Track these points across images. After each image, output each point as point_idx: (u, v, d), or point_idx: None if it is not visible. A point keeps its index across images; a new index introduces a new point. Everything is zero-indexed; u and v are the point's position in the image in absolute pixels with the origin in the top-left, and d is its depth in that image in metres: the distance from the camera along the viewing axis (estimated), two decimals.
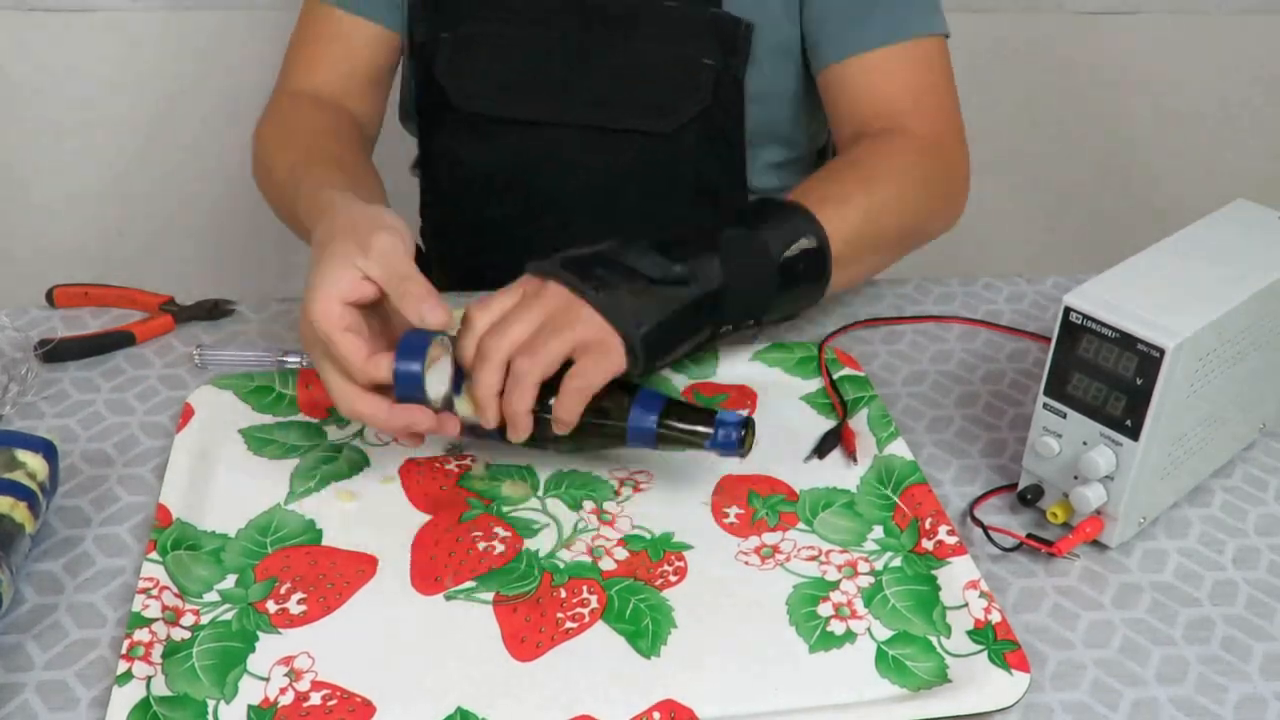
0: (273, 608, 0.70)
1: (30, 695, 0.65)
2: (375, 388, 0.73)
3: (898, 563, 0.75)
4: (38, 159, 1.64)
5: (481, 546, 0.75)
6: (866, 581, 0.73)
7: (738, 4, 0.99)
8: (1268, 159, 1.93)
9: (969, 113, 0.99)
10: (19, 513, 0.70)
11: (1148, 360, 0.69)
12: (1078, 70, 1.81)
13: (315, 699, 0.65)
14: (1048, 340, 0.75)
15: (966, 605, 0.70)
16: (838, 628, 0.70)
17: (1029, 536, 0.75)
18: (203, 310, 0.97)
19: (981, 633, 0.69)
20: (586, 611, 0.71)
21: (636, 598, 0.72)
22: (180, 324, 0.96)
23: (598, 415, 0.75)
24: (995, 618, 0.69)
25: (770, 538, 0.77)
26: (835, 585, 0.73)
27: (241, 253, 1.81)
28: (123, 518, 0.77)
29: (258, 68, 1.57)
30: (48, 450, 0.75)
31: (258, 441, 0.83)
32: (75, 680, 0.66)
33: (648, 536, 0.76)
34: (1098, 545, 0.77)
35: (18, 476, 0.72)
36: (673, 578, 0.73)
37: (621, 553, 0.75)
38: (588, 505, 0.79)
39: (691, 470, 0.82)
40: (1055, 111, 1.83)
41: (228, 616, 0.70)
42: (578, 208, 0.72)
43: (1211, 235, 0.79)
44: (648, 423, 0.75)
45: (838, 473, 0.82)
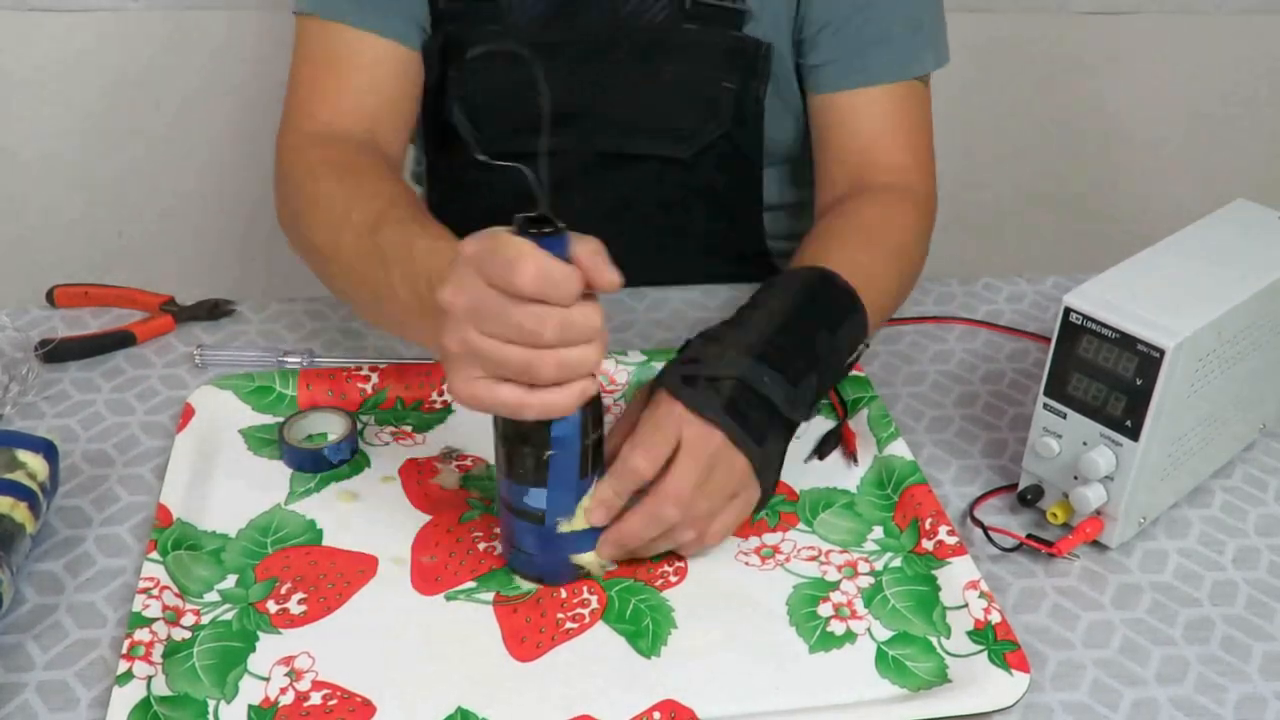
0: (273, 608, 0.70)
1: (30, 695, 0.66)
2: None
3: (898, 563, 0.75)
4: (38, 159, 1.63)
5: (482, 547, 0.75)
6: (866, 582, 0.73)
7: (756, 26, 0.97)
8: (1268, 159, 1.93)
9: (970, 112, 0.99)
10: (19, 513, 0.70)
11: (1147, 360, 0.69)
12: (1078, 70, 1.81)
13: (315, 699, 0.65)
14: (1048, 340, 0.75)
15: (966, 605, 0.71)
16: (838, 628, 0.70)
17: (1029, 537, 0.75)
18: (203, 310, 0.97)
19: (981, 633, 0.69)
20: (586, 611, 0.71)
21: (636, 598, 0.72)
22: (180, 324, 0.96)
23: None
24: (995, 618, 0.69)
25: (770, 538, 0.77)
26: (835, 585, 0.73)
27: (241, 253, 1.81)
28: (123, 518, 0.77)
29: (259, 68, 1.57)
30: (48, 450, 0.75)
31: (258, 441, 0.83)
32: (75, 680, 0.66)
33: None
34: (1098, 545, 0.77)
35: (18, 477, 0.72)
36: (673, 578, 0.73)
37: None
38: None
39: None
40: (1055, 111, 1.83)
41: (228, 616, 0.70)
42: (589, 230, 0.69)
43: (1211, 235, 0.79)
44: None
45: (838, 473, 0.82)
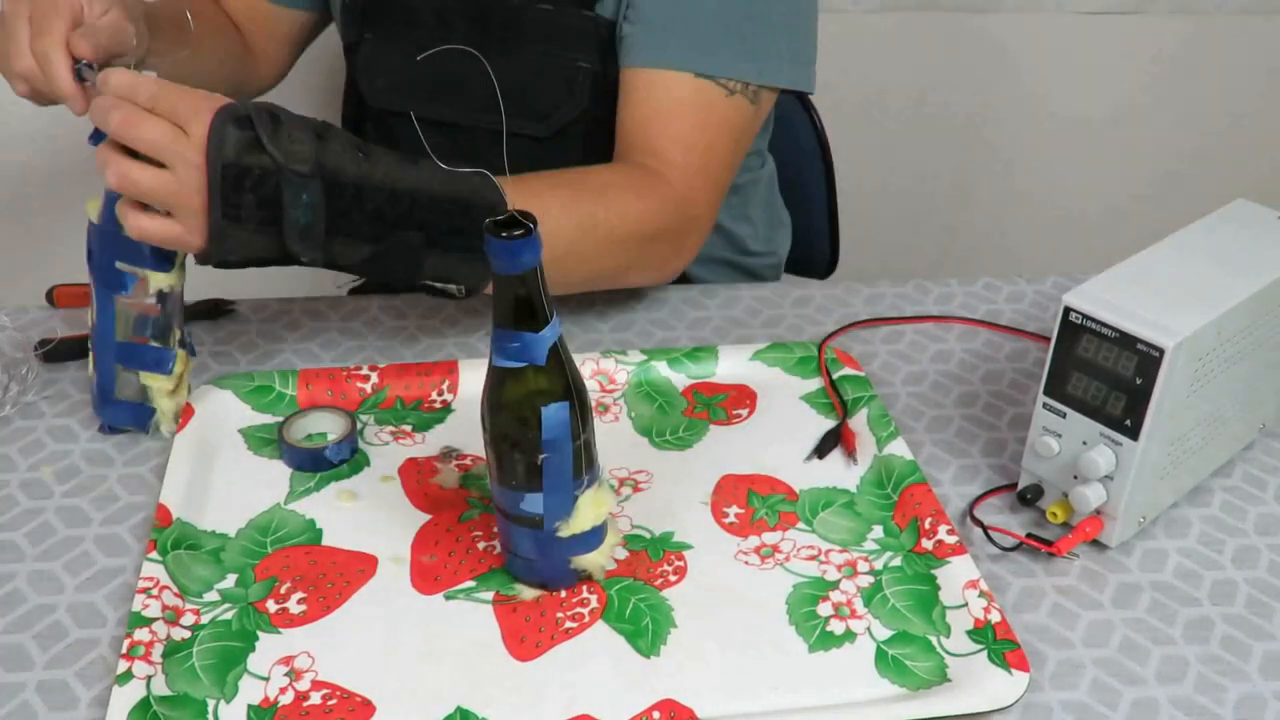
0: (273, 607, 0.71)
1: (30, 695, 0.66)
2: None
3: (897, 562, 0.75)
4: (38, 159, 1.63)
5: (481, 546, 0.75)
6: (866, 581, 0.73)
7: (608, 5, 0.98)
8: (1268, 159, 1.94)
9: (972, 111, 0.98)
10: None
11: (1147, 360, 0.69)
12: (1078, 70, 1.81)
13: (315, 699, 0.65)
14: (1047, 340, 0.75)
15: (966, 605, 0.71)
16: (837, 627, 0.70)
17: (1029, 536, 0.75)
18: (203, 310, 0.97)
19: (981, 632, 0.69)
20: (586, 611, 0.71)
21: (636, 597, 0.72)
22: None
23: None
24: (995, 617, 0.69)
25: (770, 537, 0.77)
26: (835, 585, 0.73)
27: None
28: (123, 517, 0.77)
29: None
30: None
31: (257, 441, 0.84)
32: (75, 680, 0.66)
33: (648, 536, 0.76)
34: (1097, 545, 0.77)
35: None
36: (672, 577, 0.73)
37: (621, 552, 0.75)
38: None
39: (692, 470, 0.82)
40: (1055, 111, 1.84)
41: (228, 616, 0.70)
42: None
43: (1211, 235, 0.79)
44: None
45: (838, 472, 0.82)
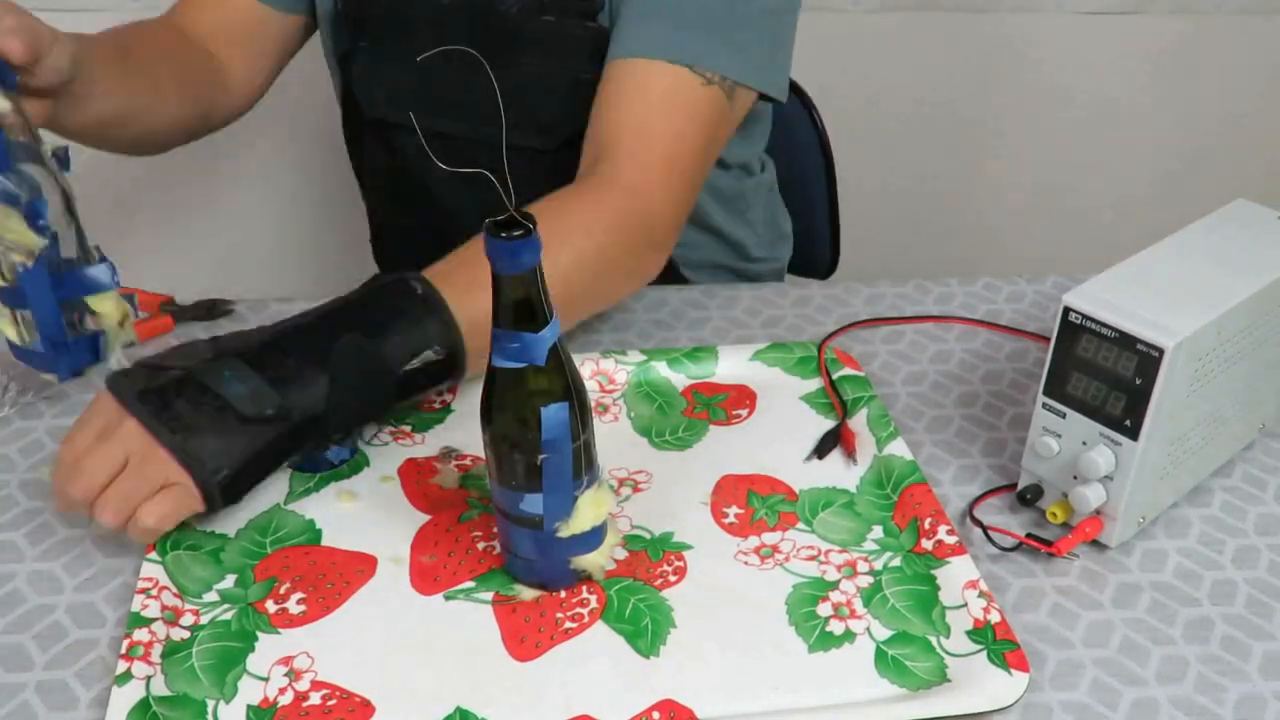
0: (272, 608, 0.71)
1: (30, 695, 0.66)
2: None
3: (897, 562, 0.75)
4: None
5: (481, 546, 0.75)
6: (866, 581, 0.73)
7: (609, 16, 0.97)
8: (1268, 159, 1.94)
9: (972, 112, 0.98)
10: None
11: (1147, 360, 0.69)
12: (1077, 70, 1.81)
13: (315, 699, 0.65)
14: (1047, 340, 0.74)
15: (966, 605, 0.70)
16: (837, 627, 0.70)
17: (1028, 536, 0.75)
18: (202, 310, 0.97)
19: (981, 632, 0.69)
20: (586, 611, 0.71)
21: (636, 597, 0.72)
22: (180, 324, 0.96)
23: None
24: (995, 617, 0.69)
25: (770, 538, 0.77)
26: (834, 585, 0.73)
27: (241, 253, 1.81)
28: None
29: None
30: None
31: None
32: (75, 680, 0.66)
33: (647, 536, 0.76)
34: (1097, 545, 0.77)
35: None
36: (672, 578, 0.73)
37: (621, 552, 0.75)
38: None
39: (691, 470, 0.82)
40: (1055, 111, 1.84)
41: (227, 616, 0.70)
42: (469, 217, 0.69)
43: (1211, 235, 0.79)
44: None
45: (837, 473, 0.82)
